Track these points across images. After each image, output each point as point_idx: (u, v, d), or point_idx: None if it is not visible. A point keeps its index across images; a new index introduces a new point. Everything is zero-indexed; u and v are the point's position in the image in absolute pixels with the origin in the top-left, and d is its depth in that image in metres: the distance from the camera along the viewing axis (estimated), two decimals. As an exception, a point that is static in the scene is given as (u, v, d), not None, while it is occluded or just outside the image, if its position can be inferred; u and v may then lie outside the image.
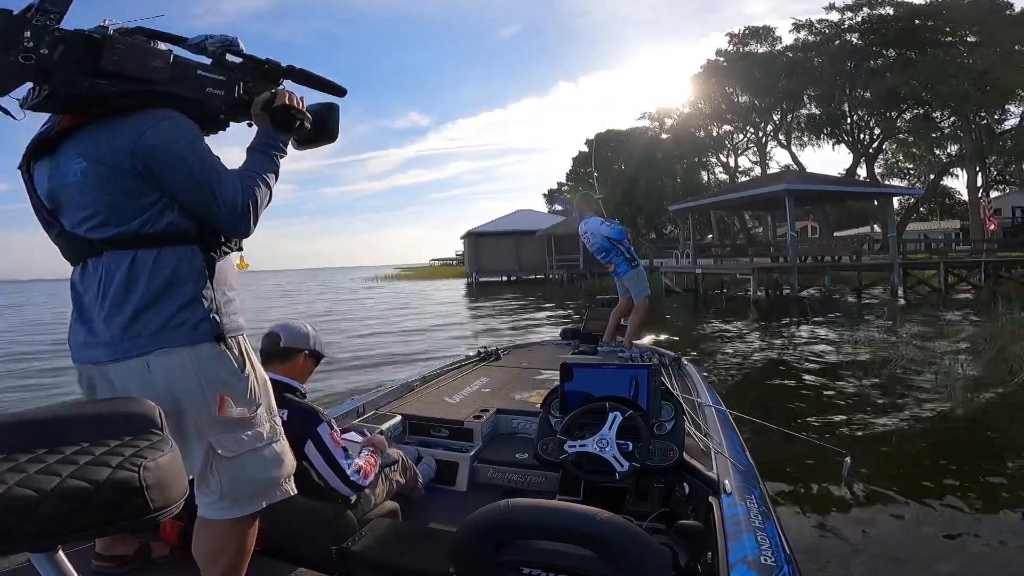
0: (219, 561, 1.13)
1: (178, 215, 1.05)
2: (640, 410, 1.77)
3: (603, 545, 0.92)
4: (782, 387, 5.55)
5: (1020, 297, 9.91)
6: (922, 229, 29.87)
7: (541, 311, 14.16)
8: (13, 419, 0.58)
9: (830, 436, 3.59)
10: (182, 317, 1.03)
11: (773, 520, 1.41)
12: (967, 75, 22.02)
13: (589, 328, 4.54)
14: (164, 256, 1.03)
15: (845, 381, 5.36)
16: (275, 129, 1.16)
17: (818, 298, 13.38)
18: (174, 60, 1.04)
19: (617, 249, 4.30)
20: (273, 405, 1.18)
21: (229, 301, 1.11)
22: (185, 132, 1.03)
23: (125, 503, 0.51)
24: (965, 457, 3.44)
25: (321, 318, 14.49)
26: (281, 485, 1.17)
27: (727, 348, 8.06)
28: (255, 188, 1.08)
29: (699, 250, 20.17)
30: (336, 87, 1.25)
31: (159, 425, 0.63)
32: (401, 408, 2.58)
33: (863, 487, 2.91)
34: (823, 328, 9.38)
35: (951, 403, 4.22)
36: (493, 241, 29.32)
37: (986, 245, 19.01)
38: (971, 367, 4.88)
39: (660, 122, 38.82)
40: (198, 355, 1.04)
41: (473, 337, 10.20)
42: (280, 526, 1.44)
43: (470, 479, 2.16)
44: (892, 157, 32.99)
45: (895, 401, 4.66)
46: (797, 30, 29.47)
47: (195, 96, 1.06)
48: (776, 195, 14.78)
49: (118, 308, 1.02)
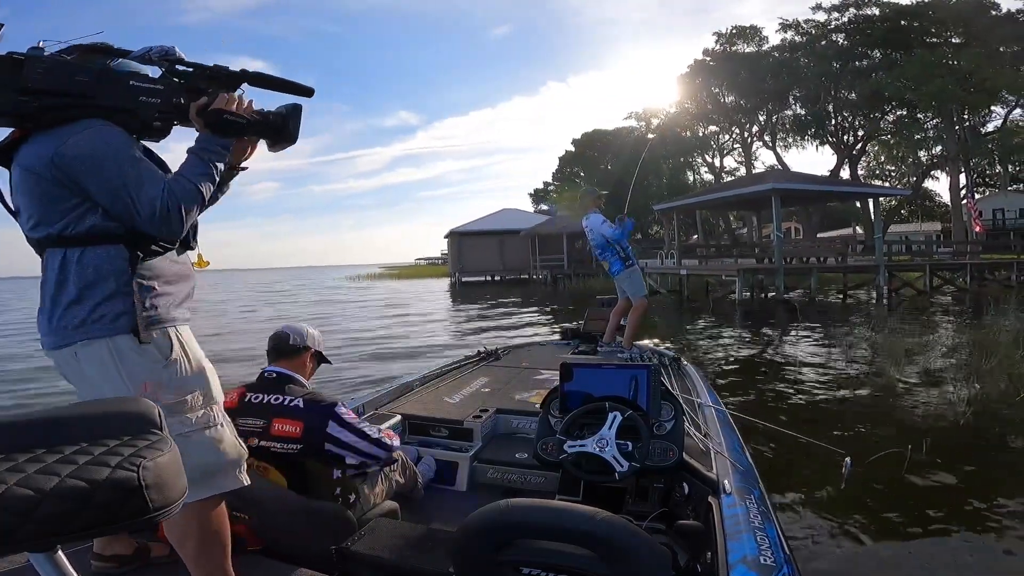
0: (186, 546, 1.19)
1: (101, 217, 1.11)
2: (640, 410, 1.75)
3: (602, 545, 0.92)
4: (775, 389, 5.43)
5: (1007, 300, 9.80)
6: (903, 231, 30.02)
7: (520, 316, 13.63)
8: (12, 419, 0.58)
9: (830, 437, 3.51)
10: (101, 311, 1.10)
11: (772, 520, 1.41)
12: (953, 75, 22.06)
13: (589, 328, 4.56)
14: (88, 255, 1.10)
15: (841, 384, 5.24)
16: (211, 133, 1.19)
17: (804, 300, 13.22)
18: (103, 73, 1.10)
19: (613, 248, 4.35)
20: (214, 394, 1.21)
21: (160, 295, 1.16)
22: (105, 141, 1.08)
23: (124, 503, 0.51)
24: (965, 459, 3.39)
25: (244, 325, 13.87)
26: (220, 475, 1.18)
27: (717, 352, 7.80)
28: (181, 192, 1.12)
29: (684, 251, 19.92)
30: (301, 88, 1.26)
31: (158, 425, 0.63)
32: (401, 408, 2.57)
33: (863, 488, 2.86)
34: (812, 331, 9.20)
35: (952, 406, 4.07)
36: (477, 240, 28.86)
37: (969, 247, 19.04)
38: (968, 371, 4.62)
39: (647, 122, 38.72)
40: (116, 346, 1.10)
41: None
42: (280, 526, 1.46)
43: (470, 479, 2.16)
44: (874, 159, 33.24)
45: (895, 403, 4.60)
46: (784, 30, 29.49)
47: (126, 106, 1.12)
48: (763, 194, 14.57)
49: (54, 301, 1.12)
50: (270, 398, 1.62)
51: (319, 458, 1.58)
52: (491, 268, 28.63)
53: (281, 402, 1.60)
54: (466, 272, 28.18)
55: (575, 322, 4.99)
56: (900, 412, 4.36)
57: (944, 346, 6.76)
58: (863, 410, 4.46)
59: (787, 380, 5.72)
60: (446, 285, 27.72)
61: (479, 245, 28.67)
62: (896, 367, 5.62)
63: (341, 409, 1.61)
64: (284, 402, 1.60)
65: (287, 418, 1.57)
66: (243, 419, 1.56)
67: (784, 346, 8.00)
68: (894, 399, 4.73)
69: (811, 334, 8.84)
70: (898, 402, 4.63)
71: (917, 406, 4.45)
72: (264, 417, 1.58)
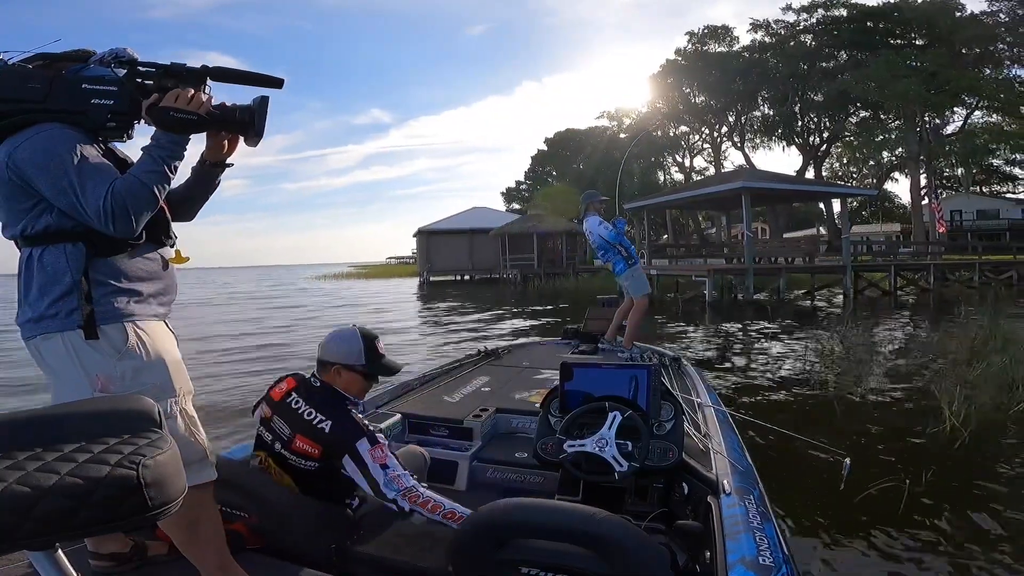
0: (174, 534, 1.25)
1: (56, 217, 1.15)
2: (640, 410, 1.75)
3: (602, 545, 0.93)
4: (770, 391, 5.31)
5: (970, 301, 9.79)
6: (864, 232, 30.67)
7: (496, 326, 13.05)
8: (12, 417, 0.59)
9: (830, 438, 3.43)
10: (56, 308, 1.14)
11: (772, 521, 1.40)
12: (917, 76, 22.49)
13: (589, 328, 4.56)
14: (46, 254, 1.16)
15: (832, 385, 5.08)
16: (162, 130, 1.20)
17: (773, 301, 13.07)
18: (55, 79, 1.15)
19: (615, 249, 4.42)
20: (175, 387, 1.22)
21: (118, 292, 1.19)
22: (52, 144, 1.11)
23: (124, 501, 0.52)
24: (966, 458, 3.37)
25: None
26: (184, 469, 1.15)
27: (697, 356, 7.35)
28: (127, 190, 1.13)
29: (654, 251, 19.71)
30: (269, 79, 1.27)
31: (158, 423, 0.63)
32: (401, 407, 2.55)
33: (863, 488, 2.82)
34: (787, 333, 8.96)
35: (944, 407, 3.88)
36: (446, 239, 28.21)
37: (931, 248, 19.40)
38: (956, 379, 4.38)
39: (619, 121, 38.71)
40: (70, 340, 1.14)
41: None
42: (280, 525, 1.44)
43: (469, 478, 2.14)
44: (837, 161, 33.97)
45: (892, 405, 4.58)
46: (755, 30, 29.77)
47: (77, 108, 1.16)
48: (733, 192, 14.40)
49: (23, 296, 1.19)
50: (306, 409, 1.54)
51: (334, 480, 1.53)
52: (460, 267, 28.00)
53: (312, 418, 1.52)
54: (435, 271, 27.48)
55: (576, 325, 4.89)
56: (898, 414, 4.31)
57: (926, 349, 6.67)
58: (863, 410, 4.41)
59: (779, 383, 5.61)
60: (414, 285, 26.89)
61: (448, 244, 28.06)
62: (882, 370, 5.52)
63: (363, 446, 1.47)
64: (314, 420, 1.51)
65: (309, 438, 1.50)
66: (278, 418, 1.56)
67: (766, 347, 7.82)
68: (890, 402, 4.70)
69: (787, 337, 8.60)
70: (894, 405, 4.58)
71: (913, 409, 4.37)
72: (292, 427, 1.53)
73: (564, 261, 25.89)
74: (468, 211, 30.82)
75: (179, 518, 1.17)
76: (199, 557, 1.23)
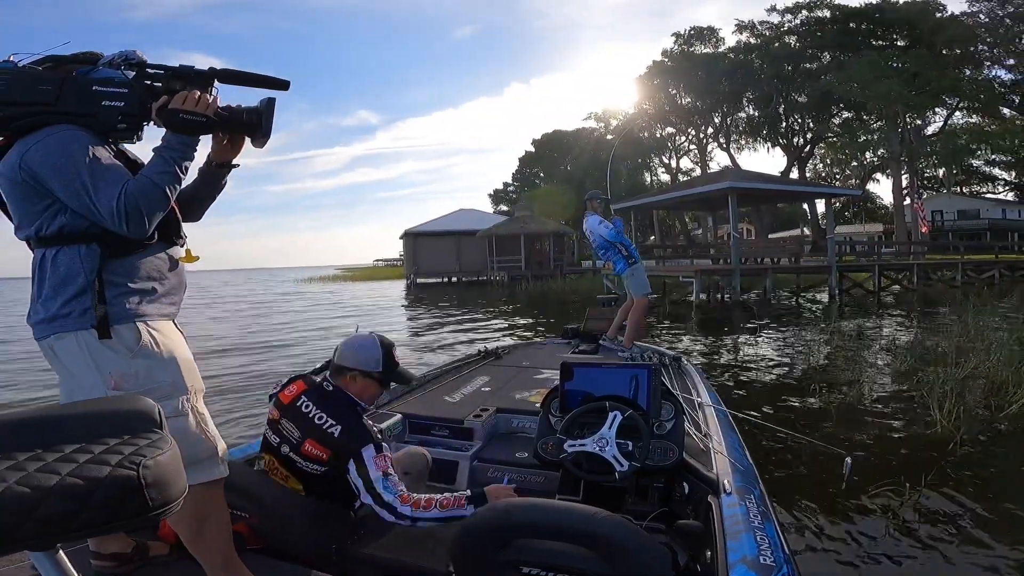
0: (181, 530, 1.26)
1: (70, 217, 1.16)
2: (640, 410, 1.74)
3: (603, 544, 0.93)
4: (768, 391, 5.32)
5: (954, 300, 9.83)
6: (847, 232, 30.99)
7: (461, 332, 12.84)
8: (12, 417, 0.58)
9: (829, 438, 3.45)
10: (70, 307, 1.15)
11: (772, 520, 1.40)
12: (899, 76, 22.75)
13: (589, 328, 4.55)
14: (61, 254, 1.17)
15: (825, 386, 4.99)
16: (172, 132, 1.22)
17: (760, 301, 13.03)
18: (66, 81, 1.16)
19: (615, 248, 4.45)
20: (187, 384, 1.23)
21: (130, 292, 1.20)
22: (65, 145, 1.12)
23: (125, 502, 0.52)
24: (965, 459, 3.33)
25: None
26: (194, 466, 1.15)
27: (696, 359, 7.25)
28: (140, 191, 1.14)
29: (641, 252, 19.65)
30: (275, 81, 1.29)
31: (159, 423, 0.63)
32: (401, 407, 2.55)
33: (863, 488, 2.83)
34: (776, 333, 8.90)
35: (940, 409, 3.85)
36: (433, 241, 27.93)
37: (913, 248, 19.59)
38: (950, 382, 4.34)
39: (606, 123, 38.77)
40: (83, 340, 1.15)
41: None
42: (281, 526, 1.44)
43: (470, 478, 2.13)
44: (821, 162, 34.34)
45: (887, 404, 4.59)
46: (740, 31, 29.98)
47: (88, 111, 1.17)
48: (720, 192, 14.36)
49: (36, 296, 1.19)
50: (317, 413, 1.54)
51: (341, 484, 1.52)
52: (447, 270, 27.73)
53: (323, 423, 1.52)
54: (421, 273, 27.23)
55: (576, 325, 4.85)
56: (892, 414, 4.31)
57: (914, 349, 6.60)
58: (862, 411, 4.40)
59: (773, 383, 5.55)
60: (401, 287, 26.57)
61: (435, 246, 27.78)
62: (875, 370, 5.52)
63: (369, 452, 1.49)
64: (325, 424, 1.52)
65: (319, 442, 1.51)
66: (287, 421, 1.55)
67: (756, 347, 7.75)
68: (887, 397, 4.72)
69: (779, 337, 8.55)
70: (889, 405, 4.57)
71: (910, 410, 4.35)
72: (301, 431, 1.53)
73: (552, 263, 25.77)
74: (455, 213, 30.57)
75: (188, 514, 1.20)
76: (205, 553, 1.23)
